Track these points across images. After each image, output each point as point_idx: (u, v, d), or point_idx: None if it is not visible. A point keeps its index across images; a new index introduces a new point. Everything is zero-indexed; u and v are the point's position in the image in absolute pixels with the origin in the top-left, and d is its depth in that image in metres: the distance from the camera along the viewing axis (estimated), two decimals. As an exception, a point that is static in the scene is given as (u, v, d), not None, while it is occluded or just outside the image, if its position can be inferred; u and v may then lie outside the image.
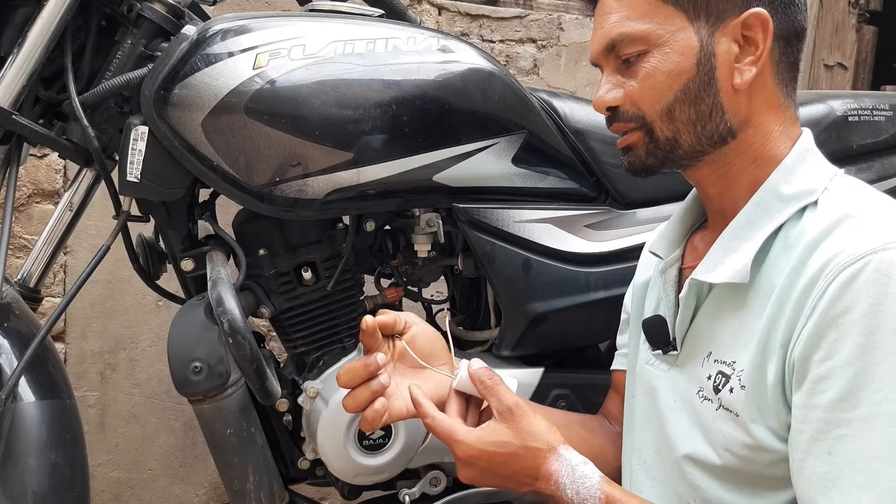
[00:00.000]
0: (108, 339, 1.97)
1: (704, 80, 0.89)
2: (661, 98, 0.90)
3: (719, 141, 0.91)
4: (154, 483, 2.05)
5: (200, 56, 1.10)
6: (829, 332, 0.76)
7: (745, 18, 0.88)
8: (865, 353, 0.74)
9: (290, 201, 1.15)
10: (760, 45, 0.88)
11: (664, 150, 0.92)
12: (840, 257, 0.77)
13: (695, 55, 0.89)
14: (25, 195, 1.88)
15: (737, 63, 0.89)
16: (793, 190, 0.88)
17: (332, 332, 1.27)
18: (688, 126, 0.90)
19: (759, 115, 0.91)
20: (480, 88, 1.21)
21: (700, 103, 0.89)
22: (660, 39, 0.89)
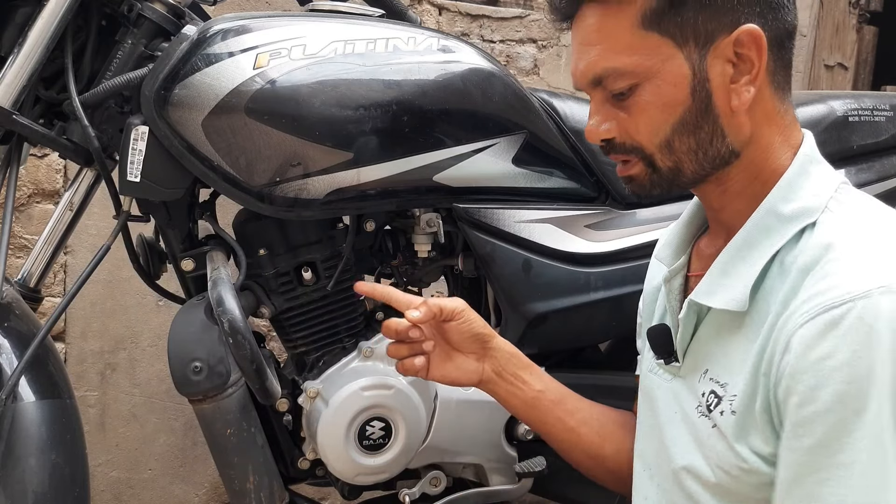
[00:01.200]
0: (109, 339, 1.97)
1: (701, 107, 0.85)
2: (659, 132, 0.86)
3: (722, 163, 0.88)
4: (154, 483, 2.05)
5: (201, 56, 1.10)
6: (805, 377, 0.74)
7: (736, 37, 0.83)
8: (847, 401, 0.72)
9: (291, 201, 1.15)
10: (756, 63, 0.84)
11: (668, 178, 0.89)
12: (822, 298, 0.75)
13: (688, 84, 0.84)
14: (26, 195, 1.88)
15: (733, 84, 0.84)
16: (792, 209, 0.84)
17: (332, 332, 1.27)
18: (689, 155, 0.87)
19: (759, 130, 0.87)
20: (481, 88, 1.21)
21: (699, 131, 0.86)
22: (649, 72, 0.84)
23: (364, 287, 1.08)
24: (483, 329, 1.08)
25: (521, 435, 1.28)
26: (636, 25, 0.83)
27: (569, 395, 1.11)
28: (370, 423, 1.20)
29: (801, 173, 0.87)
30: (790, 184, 0.86)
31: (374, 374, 1.22)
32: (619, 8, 0.84)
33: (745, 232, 0.87)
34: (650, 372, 1.00)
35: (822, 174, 0.87)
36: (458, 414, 1.26)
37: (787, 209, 0.85)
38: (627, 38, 0.84)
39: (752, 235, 0.86)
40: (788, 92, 0.90)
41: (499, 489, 1.30)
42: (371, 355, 1.24)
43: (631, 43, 0.84)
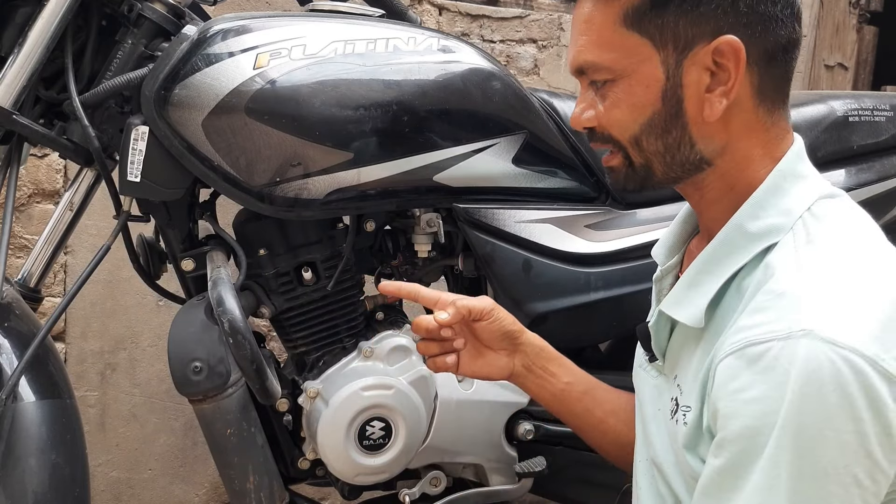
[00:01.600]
0: (109, 339, 1.97)
1: (671, 112, 0.85)
2: (628, 129, 0.87)
3: (693, 169, 0.87)
4: (154, 483, 2.05)
5: (201, 56, 1.10)
6: (722, 405, 0.76)
7: (715, 46, 0.81)
8: (752, 436, 0.73)
9: (291, 201, 1.15)
10: (732, 76, 0.82)
11: (640, 175, 0.90)
12: (749, 332, 0.75)
13: (660, 88, 0.84)
14: (26, 195, 1.88)
15: (707, 93, 0.83)
16: (758, 227, 0.83)
17: (332, 332, 1.27)
18: (657, 157, 0.87)
19: (736, 141, 0.86)
20: (481, 88, 1.21)
21: (667, 136, 0.86)
22: (625, 71, 0.85)
23: (389, 287, 1.08)
24: (512, 326, 1.09)
25: (521, 435, 1.28)
26: (618, 22, 0.84)
27: (597, 385, 1.12)
28: (370, 424, 1.20)
29: (774, 189, 0.85)
30: (759, 200, 0.85)
31: (374, 374, 1.22)
32: (606, 2, 0.85)
33: (713, 246, 0.87)
34: (640, 367, 1.02)
35: (798, 190, 0.85)
36: (458, 414, 1.26)
37: (754, 227, 0.84)
38: (609, 33, 0.85)
39: (717, 250, 0.86)
40: (781, 104, 0.88)
41: (499, 489, 1.30)
42: (371, 355, 1.24)
43: (611, 39, 0.85)
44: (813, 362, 0.71)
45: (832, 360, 0.71)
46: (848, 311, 0.74)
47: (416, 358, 1.26)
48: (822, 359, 0.71)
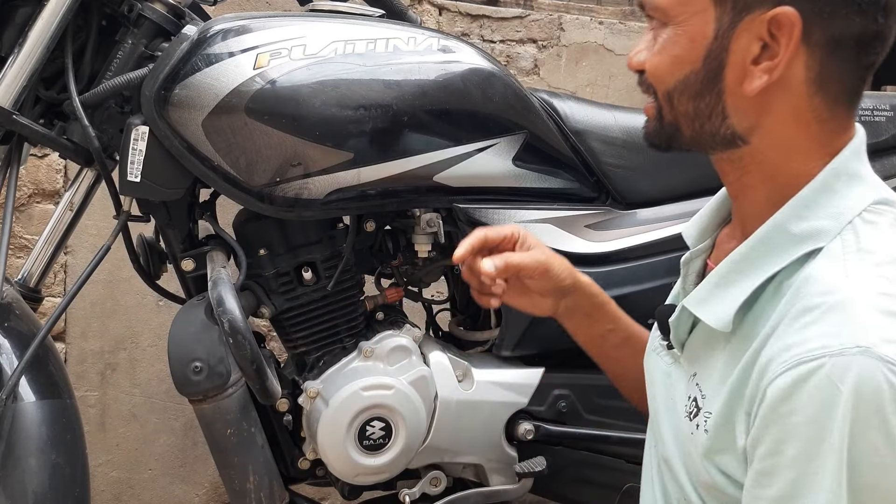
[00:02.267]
0: (109, 339, 1.97)
1: (710, 75, 0.79)
2: (664, 81, 0.82)
3: (724, 143, 0.81)
4: (154, 483, 2.05)
5: (201, 56, 1.10)
6: (773, 429, 0.71)
7: (773, 15, 0.75)
8: (807, 461, 0.69)
9: (291, 201, 1.15)
10: (781, 53, 0.75)
11: (668, 132, 0.84)
12: (799, 349, 0.70)
13: (705, 46, 0.78)
14: (26, 195, 1.88)
15: (753, 65, 0.77)
16: (802, 229, 0.77)
17: (333, 332, 1.27)
18: (686, 119, 0.82)
19: (779, 125, 0.79)
20: (481, 88, 1.21)
21: (700, 100, 0.80)
22: (677, 17, 0.79)
23: (462, 253, 1.04)
24: (564, 283, 1.07)
25: (521, 435, 1.28)
26: None
27: (639, 333, 1.10)
28: (370, 424, 1.20)
29: (824, 189, 0.78)
30: (806, 199, 0.78)
31: (374, 374, 1.22)
32: None
33: (749, 245, 0.81)
34: (653, 351, 0.97)
35: (851, 192, 0.78)
36: (458, 414, 1.26)
37: (798, 228, 0.77)
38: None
39: (754, 250, 0.80)
40: (847, 99, 0.80)
41: (499, 489, 1.30)
42: (371, 355, 1.24)
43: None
44: (869, 383, 0.66)
45: (891, 381, 0.66)
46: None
47: (417, 358, 1.26)
48: (879, 378, 0.66)
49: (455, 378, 1.26)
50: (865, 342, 0.67)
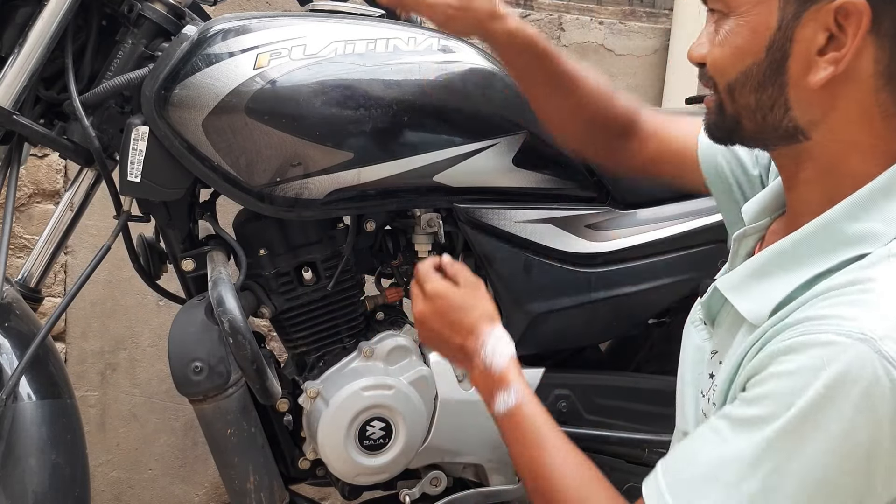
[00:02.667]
0: (109, 339, 1.97)
1: (772, 67, 0.76)
2: (726, 73, 0.79)
3: (786, 137, 0.79)
4: (154, 483, 2.05)
5: (201, 56, 1.10)
6: (757, 376, 0.72)
7: (840, 3, 0.71)
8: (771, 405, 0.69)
9: (291, 201, 1.15)
10: (847, 43, 0.72)
11: (729, 126, 0.82)
12: (812, 322, 0.70)
13: (768, 36, 0.75)
14: (26, 195, 1.88)
15: (819, 56, 0.74)
16: (855, 231, 0.74)
17: (333, 332, 1.27)
18: (747, 111, 0.79)
19: (841, 121, 0.76)
20: (481, 88, 1.21)
21: (762, 92, 0.77)
22: (738, 7, 0.77)
23: None
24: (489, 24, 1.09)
25: (522, 435, 1.28)
26: None
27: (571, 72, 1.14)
28: (370, 424, 1.20)
29: (885, 191, 0.75)
30: (863, 200, 0.75)
31: (374, 374, 1.22)
32: None
33: (795, 239, 0.78)
34: (691, 324, 0.95)
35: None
36: (458, 414, 1.26)
37: (850, 229, 0.75)
38: None
39: (800, 246, 0.77)
40: None
41: (499, 489, 1.30)
42: (371, 355, 1.24)
43: None
44: (855, 369, 0.66)
45: (876, 374, 0.65)
46: None
47: (417, 358, 1.26)
48: (867, 367, 0.66)
49: (455, 378, 1.26)
50: (873, 333, 0.66)
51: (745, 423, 0.71)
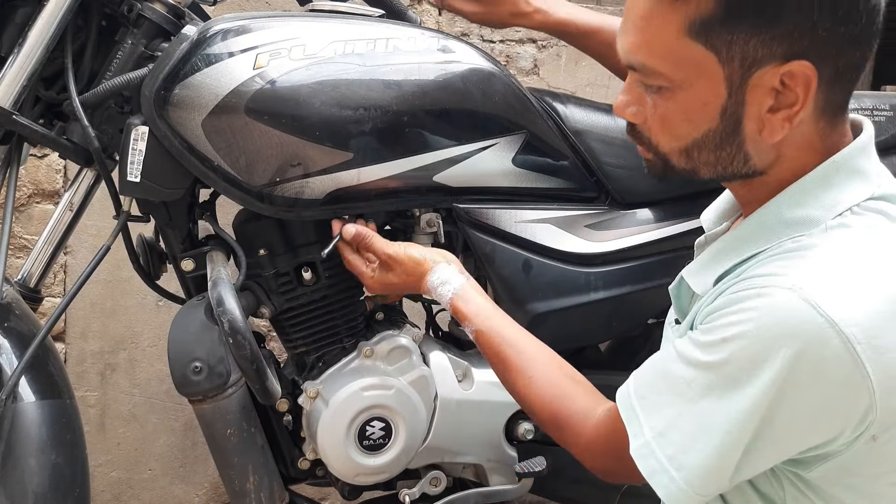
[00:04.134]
0: (109, 339, 1.97)
1: (728, 129, 0.81)
2: (679, 140, 0.84)
3: (744, 178, 0.85)
4: (154, 483, 2.05)
5: (201, 56, 1.10)
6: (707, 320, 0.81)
7: (787, 69, 0.77)
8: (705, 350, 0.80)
9: (291, 201, 1.15)
10: (798, 104, 0.78)
11: (679, 175, 0.88)
12: (766, 278, 0.78)
13: (719, 105, 0.80)
14: (25, 195, 1.88)
15: (769, 113, 0.79)
16: (794, 216, 0.82)
17: (332, 332, 1.27)
18: (707, 166, 0.85)
19: (793, 153, 0.83)
20: (480, 88, 1.21)
21: (721, 151, 0.83)
22: (682, 83, 0.80)
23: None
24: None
25: (521, 435, 1.28)
26: (683, 30, 0.78)
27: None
28: (370, 424, 1.20)
29: (822, 181, 0.82)
30: (804, 188, 0.83)
31: (374, 374, 1.22)
32: (672, 5, 0.78)
33: (746, 225, 0.86)
34: (668, 324, 1.02)
35: (847, 186, 0.82)
36: (458, 414, 1.26)
37: (791, 214, 0.82)
38: (670, 40, 0.79)
39: (748, 230, 0.86)
40: (843, 111, 0.84)
41: (499, 489, 1.30)
42: (371, 355, 1.24)
43: (672, 47, 0.79)
44: (784, 314, 0.74)
45: (802, 317, 0.74)
46: (851, 292, 0.75)
47: (416, 358, 1.26)
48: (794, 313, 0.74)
49: (455, 378, 1.26)
50: (800, 283, 0.75)
51: (698, 364, 0.81)
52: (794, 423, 0.78)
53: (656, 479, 0.82)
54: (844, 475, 0.80)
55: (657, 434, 0.82)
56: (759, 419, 0.77)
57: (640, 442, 0.84)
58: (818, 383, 0.75)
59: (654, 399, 0.85)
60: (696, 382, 0.81)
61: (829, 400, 0.76)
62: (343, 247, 1.19)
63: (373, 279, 1.17)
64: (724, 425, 0.78)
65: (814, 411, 0.77)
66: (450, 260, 1.16)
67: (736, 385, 0.78)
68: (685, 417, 0.81)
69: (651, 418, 0.84)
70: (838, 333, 0.73)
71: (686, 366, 0.82)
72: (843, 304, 0.74)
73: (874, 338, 0.74)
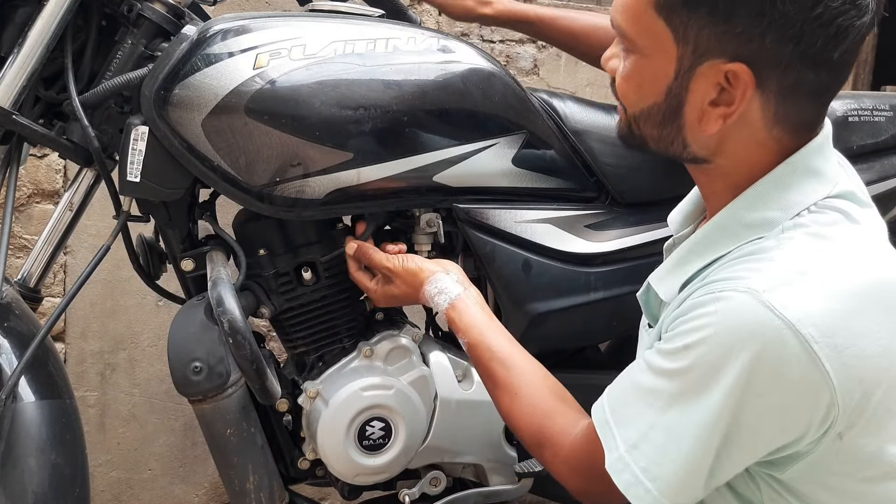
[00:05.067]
0: (108, 339, 1.97)
1: (670, 110, 0.85)
2: (630, 105, 0.89)
3: (690, 161, 0.89)
4: (154, 483, 2.05)
5: (201, 56, 1.10)
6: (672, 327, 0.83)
7: (729, 69, 0.80)
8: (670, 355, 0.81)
9: (291, 201, 1.15)
10: (734, 104, 0.81)
11: (638, 142, 0.91)
12: (726, 282, 0.79)
13: (666, 83, 0.84)
14: (25, 195, 1.88)
15: (710, 106, 0.83)
16: (753, 218, 0.84)
17: (332, 332, 1.27)
18: (651, 139, 0.89)
19: (740, 150, 0.85)
20: (480, 88, 1.21)
21: (662, 128, 0.86)
22: (643, 50, 0.84)
23: None
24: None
25: (521, 435, 1.28)
26: (651, 3, 0.82)
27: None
28: (370, 424, 1.20)
29: (778, 183, 0.85)
30: (761, 192, 0.85)
31: (373, 374, 1.22)
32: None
33: (707, 229, 0.88)
34: (643, 328, 1.04)
35: (803, 186, 0.84)
36: (457, 414, 1.26)
37: (750, 217, 0.85)
38: (641, 9, 0.83)
39: (710, 234, 0.87)
40: (809, 128, 0.86)
41: (499, 489, 1.30)
42: (371, 355, 1.24)
43: (641, 15, 0.83)
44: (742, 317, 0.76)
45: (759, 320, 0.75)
46: (806, 292, 0.77)
47: (416, 358, 1.26)
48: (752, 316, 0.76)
49: (455, 378, 1.26)
50: (757, 287, 0.76)
51: (664, 373, 0.82)
52: (759, 425, 0.79)
53: (632, 492, 0.82)
54: (816, 474, 0.82)
55: (630, 447, 0.83)
56: (725, 424, 0.78)
57: (614, 456, 0.84)
58: (779, 384, 0.76)
59: (625, 412, 0.85)
60: (664, 392, 0.82)
61: (791, 400, 0.77)
62: (349, 261, 1.21)
63: (376, 292, 1.20)
64: (692, 432, 0.79)
65: (777, 412, 0.78)
66: (449, 270, 1.17)
67: (700, 391, 0.79)
68: (656, 429, 0.82)
69: (623, 431, 0.84)
70: (795, 334, 0.75)
71: (654, 376, 0.83)
72: (799, 305, 0.75)
73: (831, 336, 0.75)
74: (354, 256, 1.20)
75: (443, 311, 1.12)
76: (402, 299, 1.19)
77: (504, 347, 1.08)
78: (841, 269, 0.79)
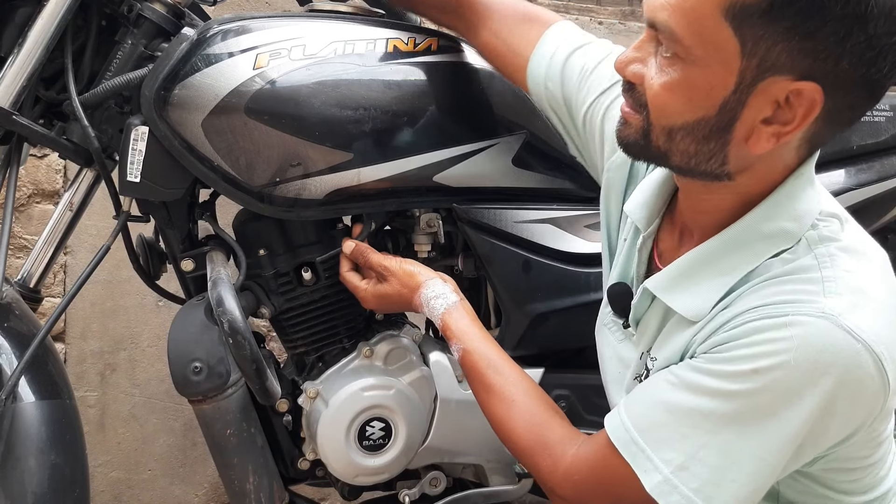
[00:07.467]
0: (108, 340, 1.97)
1: (720, 125, 0.79)
2: (668, 118, 0.80)
3: (712, 178, 0.84)
4: (154, 483, 2.05)
5: (201, 56, 1.10)
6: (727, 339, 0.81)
7: (798, 87, 0.75)
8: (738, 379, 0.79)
9: (291, 201, 1.15)
10: (793, 124, 0.77)
11: (652, 154, 0.85)
12: (772, 301, 0.80)
13: (722, 96, 0.77)
14: (25, 195, 1.88)
15: (763, 124, 0.78)
16: (771, 228, 0.84)
17: (332, 333, 1.27)
18: (683, 155, 0.82)
19: (765, 168, 0.83)
20: (480, 88, 1.21)
21: (704, 144, 0.80)
22: (699, 59, 0.76)
23: None
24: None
25: (521, 435, 1.28)
26: (720, 8, 0.74)
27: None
28: (370, 424, 1.20)
29: (789, 194, 0.84)
30: (775, 204, 0.84)
31: (373, 374, 1.22)
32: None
33: (720, 241, 0.86)
34: (603, 325, 1.03)
35: (805, 195, 0.85)
36: (457, 414, 1.26)
37: (767, 229, 0.84)
38: (705, 14, 0.75)
39: (726, 246, 0.86)
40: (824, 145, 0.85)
41: (499, 489, 1.30)
42: (371, 355, 1.24)
43: (704, 21, 0.75)
44: (824, 343, 0.76)
45: (842, 346, 0.76)
46: (871, 312, 0.79)
47: (416, 358, 1.26)
48: (836, 342, 0.76)
49: (455, 378, 1.26)
50: (831, 311, 0.77)
51: (718, 394, 0.80)
52: (824, 440, 0.81)
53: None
54: (838, 461, 0.86)
55: (677, 468, 0.81)
56: (797, 445, 0.80)
57: (656, 479, 0.82)
58: (855, 403, 0.79)
59: (660, 433, 0.83)
60: (715, 413, 0.80)
61: (859, 412, 0.80)
62: (342, 261, 1.21)
63: (366, 292, 1.18)
64: (756, 452, 0.79)
65: (844, 426, 0.81)
66: (445, 279, 1.16)
67: (771, 413, 0.78)
68: (707, 449, 0.80)
69: (664, 453, 0.82)
70: (871, 354, 0.77)
71: (698, 396, 0.81)
72: (870, 325, 0.78)
73: (893, 351, 0.79)
74: (351, 256, 1.20)
75: (438, 315, 1.11)
76: (392, 299, 1.17)
77: (499, 357, 1.07)
78: (885, 284, 0.83)
